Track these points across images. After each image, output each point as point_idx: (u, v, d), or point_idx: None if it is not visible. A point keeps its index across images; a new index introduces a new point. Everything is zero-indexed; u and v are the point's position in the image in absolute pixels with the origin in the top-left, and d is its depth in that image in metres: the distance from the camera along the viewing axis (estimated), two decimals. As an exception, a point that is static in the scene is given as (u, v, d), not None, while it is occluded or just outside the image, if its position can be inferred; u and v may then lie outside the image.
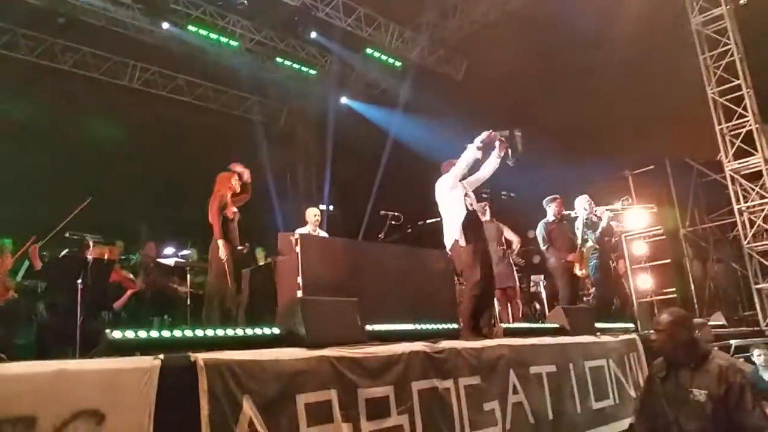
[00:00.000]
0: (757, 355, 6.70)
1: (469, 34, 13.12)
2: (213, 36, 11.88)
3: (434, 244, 5.99)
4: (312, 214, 7.43)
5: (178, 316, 6.95)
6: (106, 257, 5.92)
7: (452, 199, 5.38)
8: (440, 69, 14.03)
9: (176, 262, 7.09)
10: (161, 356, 2.86)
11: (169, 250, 7.84)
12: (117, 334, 3.26)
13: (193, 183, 6.84)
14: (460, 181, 5.42)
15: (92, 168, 9.85)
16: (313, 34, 12.82)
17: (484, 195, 7.87)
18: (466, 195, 5.43)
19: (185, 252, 7.70)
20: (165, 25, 11.47)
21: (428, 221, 7.11)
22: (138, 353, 3.11)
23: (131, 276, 6.96)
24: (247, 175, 6.12)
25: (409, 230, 7.75)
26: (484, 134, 5.42)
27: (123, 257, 7.66)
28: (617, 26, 10.99)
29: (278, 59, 13.30)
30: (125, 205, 9.45)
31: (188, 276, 6.09)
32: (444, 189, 5.44)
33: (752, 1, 10.72)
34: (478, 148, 5.38)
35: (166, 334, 3.53)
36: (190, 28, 11.61)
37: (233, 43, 12.23)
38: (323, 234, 7.42)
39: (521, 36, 11.57)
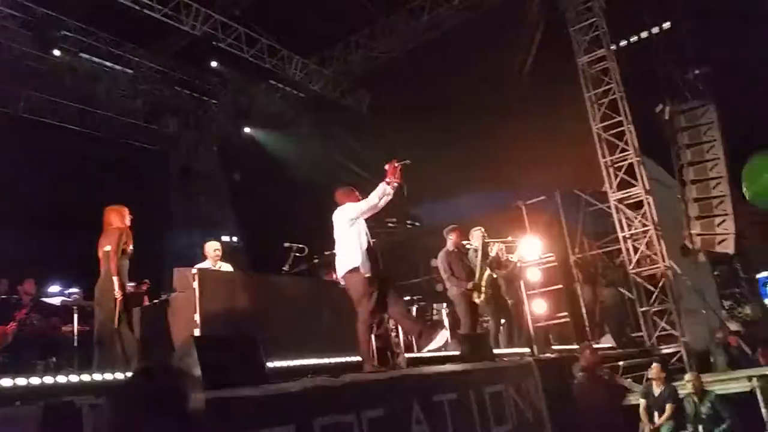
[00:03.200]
0: None
1: (372, 68, 13.41)
2: (107, 64, 11.45)
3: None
4: (212, 248, 7.11)
5: (64, 359, 6.49)
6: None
7: (352, 229, 5.37)
8: (344, 101, 14.22)
9: (63, 301, 6.64)
10: (41, 404, 2.68)
11: (53, 288, 7.34)
12: (-5, 382, 3.03)
13: (82, 216, 6.47)
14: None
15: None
16: (214, 64, 12.68)
17: (389, 225, 7.98)
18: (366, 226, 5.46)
19: (72, 290, 7.23)
20: (56, 53, 10.95)
21: (334, 252, 7.11)
22: (18, 403, 2.90)
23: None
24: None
25: (316, 260, 7.71)
26: (389, 172, 5.35)
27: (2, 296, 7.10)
28: (512, 63, 11.64)
29: (177, 88, 12.99)
30: (6, 239, 8.79)
31: (74, 316, 5.72)
32: (344, 219, 5.41)
33: (632, 46, 11.73)
34: (388, 183, 5.40)
35: (48, 380, 3.30)
36: (83, 55, 11.14)
37: (128, 71, 11.84)
38: (227, 267, 7.19)
39: (422, 72, 11.98)
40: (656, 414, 7.29)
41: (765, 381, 7.44)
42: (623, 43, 12.49)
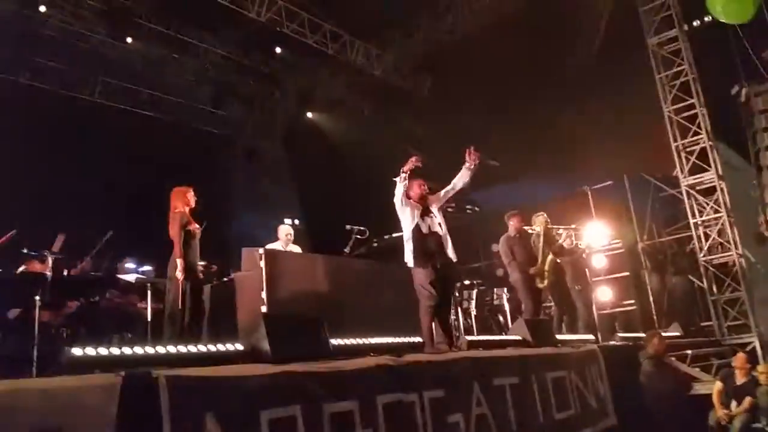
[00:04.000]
0: None
1: (433, 51, 13.31)
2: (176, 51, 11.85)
3: (399, 258, 6.05)
4: (284, 232, 7.38)
5: (138, 334, 6.82)
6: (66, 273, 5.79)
7: (403, 219, 5.50)
8: (405, 85, 14.18)
9: (137, 278, 6.96)
10: (122, 373, 2.83)
11: (129, 265, 7.68)
12: (77, 352, 3.22)
13: (154, 197, 6.75)
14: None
15: (46, 180, 9.68)
16: (278, 50, 12.86)
17: (449, 209, 7.96)
18: (422, 216, 5.51)
19: (145, 268, 7.56)
20: (129, 40, 11.40)
21: (394, 235, 7.16)
22: (98, 371, 3.07)
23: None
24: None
25: (375, 244, 7.79)
26: (406, 166, 5.45)
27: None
28: (579, 44, 11.33)
29: (242, 74, 13.29)
30: (85, 218, 9.26)
31: (149, 293, 6.00)
32: (397, 209, 5.56)
33: (705, 26, 11.18)
34: (401, 180, 5.45)
35: (126, 351, 3.49)
36: (153, 42, 11.55)
37: (196, 57, 12.20)
38: (296, 249, 7.38)
39: (484, 55, 11.79)
40: (733, 403, 7.03)
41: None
42: (696, 23, 11.93)
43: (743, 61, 10.09)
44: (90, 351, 3.27)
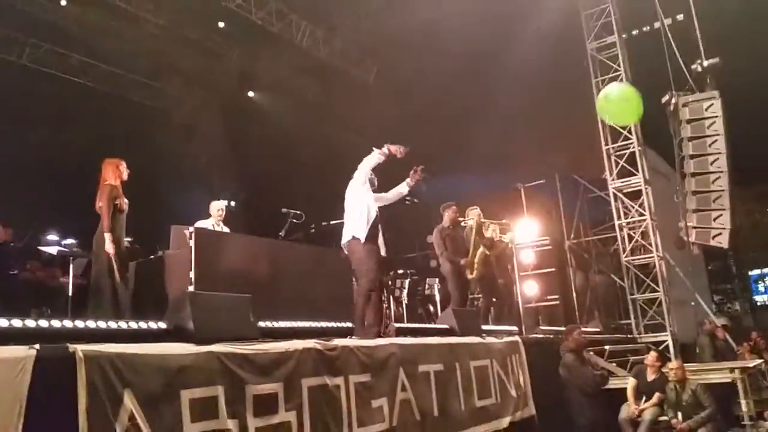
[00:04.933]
0: None
1: (382, 42, 13.28)
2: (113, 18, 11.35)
3: (336, 245, 6.05)
4: (216, 207, 7.24)
5: (58, 309, 6.57)
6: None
7: (357, 199, 5.50)
8: (350, 70, 14.11)
9: (59, 251, 6.68)
10: (36, 346, 2.74)
11: (51, 237, 7.37)
12: (-12, 323, 3.08)
13: (81, 169, 6.48)
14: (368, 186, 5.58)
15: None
16: (221, 24, 12.54)
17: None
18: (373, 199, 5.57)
19: (68, 241, 7.26)
20: (63, 2, 10.84)
21: (331, 222, 7.14)
22: (12, 344, 2.95)
23: None
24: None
25: (313, 230, 7.75)
26: (393, 147, 5.53)
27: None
28: (518, 47, 11.53)
29: (182, 47, 12.87)
30: (5, 188, 8.81)
31: (71, 266, 5.77)
32: (351, 190, 5.60)
33: (641, 35, 11.62)
34: (381, 155, 5.50)
35: (43, 324, 3.36)
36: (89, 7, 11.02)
37: (135, 26, 11.73)
38: (225, 229, 7.26)
39: (429, 48, 11.87)
40: (644, 398, 7.43)
41: (746, 373, 7.58)
42: (634, 32, 12.40)
43: (675, 71, 10.56)
44: (2, 322, 3.13)
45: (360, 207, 5.47)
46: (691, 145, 10.78)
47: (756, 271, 19.52)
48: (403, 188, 5.92)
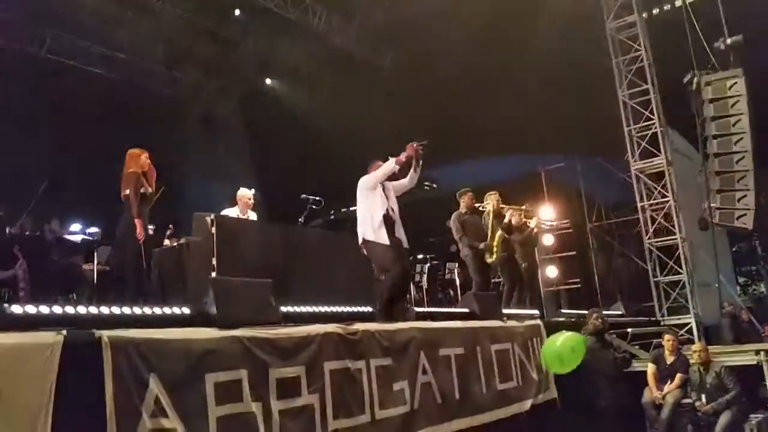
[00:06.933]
0: None
1: (397, 26, 13.19)
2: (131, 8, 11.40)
3: (354, 230, 6.06)
4: (245, 196, 7.20)
5: (83, 296, 6.67)
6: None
7: (369, 199, 5.51)
8: (366, 56, 14.04)
9: (83, 239, 6.78)
10: (64, 332, 2.79)
11: (75, 226, 7.47)
12: (17, 309, 3.14)
13: (104, 159, 6.55)
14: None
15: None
16: (237, 12, 12.54)
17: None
18: (387, 198, 5.55)
19: (92, 229, 7.37)
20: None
21: (351, 208, 7.14)
22: (40, 329, 3.01)
23: None
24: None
25: (332, 216, 7.77)
26: (407, 152, 5.52)
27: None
28: (536, 28, 11.39)
29: (198, 36, 12.90)
30: (31, 178, 8.94)
31: (95, 254, 5.85)
32: (363, 188, 5.58)
33: (663, 14, 11.40)
34: (398, 163, 5.49)
35: (69, 310, 3.41)
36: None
37: (152, 16, 11.77)
38: (253, 216, 7.27)
39: (445, 32, 11.75)
40: (668, 381, 7.36)
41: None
42: (655, 11, 12.17)
43: (696, 51, 10.36)
44: (30, 309, 3.19)
45: (363, 211, 5.51)
46: (714, 124, 10.59)
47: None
48: (413, 176, 5.75)
